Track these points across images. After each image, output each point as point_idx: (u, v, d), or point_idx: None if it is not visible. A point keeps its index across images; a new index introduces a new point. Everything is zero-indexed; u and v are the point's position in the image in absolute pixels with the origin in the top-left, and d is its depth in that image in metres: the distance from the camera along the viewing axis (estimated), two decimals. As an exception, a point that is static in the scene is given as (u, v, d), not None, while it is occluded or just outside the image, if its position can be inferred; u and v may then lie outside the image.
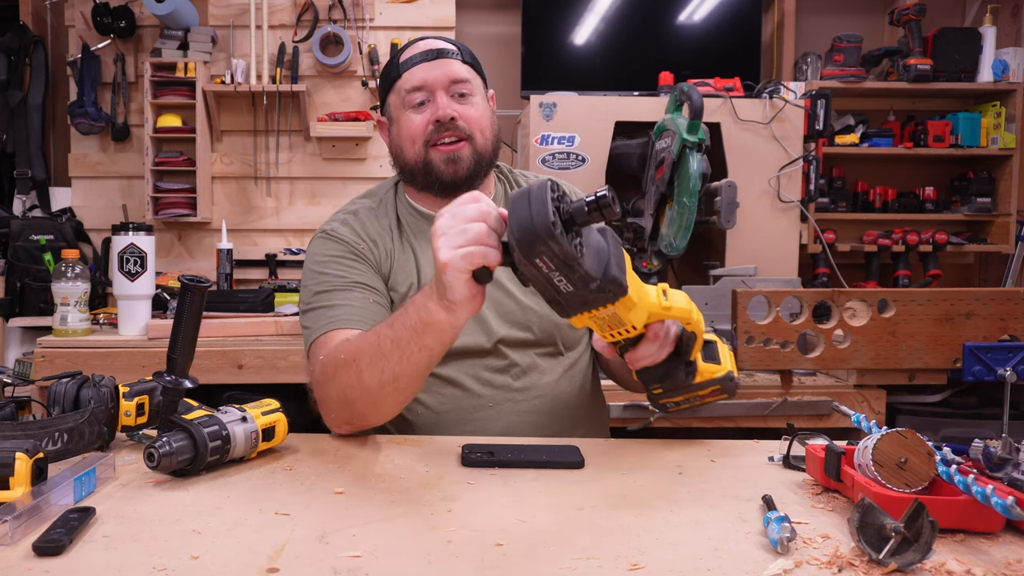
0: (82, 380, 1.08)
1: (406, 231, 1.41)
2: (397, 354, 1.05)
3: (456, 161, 1.34)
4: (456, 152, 1.34)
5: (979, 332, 2.08)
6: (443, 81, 1.34)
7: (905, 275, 3.21)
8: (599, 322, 0.94)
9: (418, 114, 1.35)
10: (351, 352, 1.12)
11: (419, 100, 1.35)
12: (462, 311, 0.96)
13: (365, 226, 1.39)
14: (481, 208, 0.91)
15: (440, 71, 1.34)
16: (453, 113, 1.32)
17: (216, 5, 3.12)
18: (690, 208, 2.32)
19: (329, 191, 3.18)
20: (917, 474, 0.84)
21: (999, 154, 3.16)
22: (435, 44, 1.37)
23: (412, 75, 1.35)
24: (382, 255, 1.37)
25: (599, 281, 0.86)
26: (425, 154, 1.35)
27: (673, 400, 1.14)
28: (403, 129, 1.37)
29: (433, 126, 1.33)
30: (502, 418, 1.33)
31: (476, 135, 1.35)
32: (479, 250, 0.89)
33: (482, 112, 1.37)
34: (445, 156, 1.34)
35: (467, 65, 1.37)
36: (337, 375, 1.14)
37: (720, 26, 3.20)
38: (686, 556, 0.75)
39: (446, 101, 1.33)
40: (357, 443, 1.16)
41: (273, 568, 0.71)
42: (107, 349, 2.35)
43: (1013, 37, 3.26)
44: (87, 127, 3.03)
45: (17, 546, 0.75)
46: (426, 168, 1.36)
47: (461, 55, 1.37)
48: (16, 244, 2.86)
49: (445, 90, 1.34)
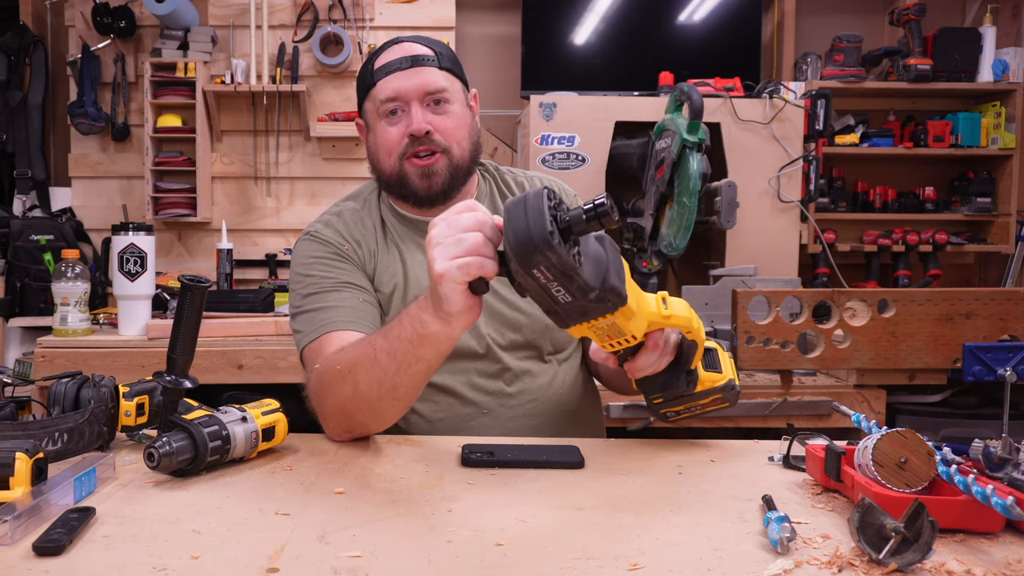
0: (82, 380, 1.08)
1: (390, 232, 1.40)
2: (394, 366, 1.04)
3: (431, 176, 1.32)
4: (430, 166, 1.31)
5: (979, 332, 2.08)
6: (418, 92, 1.30)
7: (905, 275, 3.21)
8: (598, 332, 0.93)
9: (392, 125, 1.32)
10: (347, 364, 1.11)
11: (393, 110, 1.31)
12: (458, 323, 0.95)
13: (349, 227, 1.38)
14: (477, 217, 0.89)
15: (414, 81, 1.30)
16: (427, 127, 1.29)
17: (216, 5, 3.12)
18: (690, 208, 2.32)
19: (329, 191, 3.18)
20: (917, 474, 0.84)
21: (999, 154, 3.16)
22: (411, 49, 1.33)
23: (386, 84, 1.31)
24: (366, 255, 1.36)
25: (598, 291, 0.84)
26: (400, 167, 1.32)
27: (674, 409, 1.14)
28: (379, 139, 1.35)
29: (408, 140, 1.30)
30: (498, 424, 1.32)
31: (452, 147, 1.32)
32: (476, 261, 0.87)
33: (459, 121, 1.34)
34: (420, 171, 1.31)
35: (444, 71, 1.33)
36: (333, 387, 1.13)
37: (720, 26, 3.20)
38: (686, 556, 0.75)
39: (420, 114, 1.30)
40: (357, 443, 1.16)
41: (273, 568, 0.71)
42: (107, 349, 2.35)
43: (1013, 37, 3.26)
44: (87, 127, 3.04)
45: (17, 546, 0.75)
46: (401, 181, 1.33)
47: (438, 60, 1.33)
48: (16, 244, 2.86)
49: (420, 101, 1.30)
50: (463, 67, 1.41)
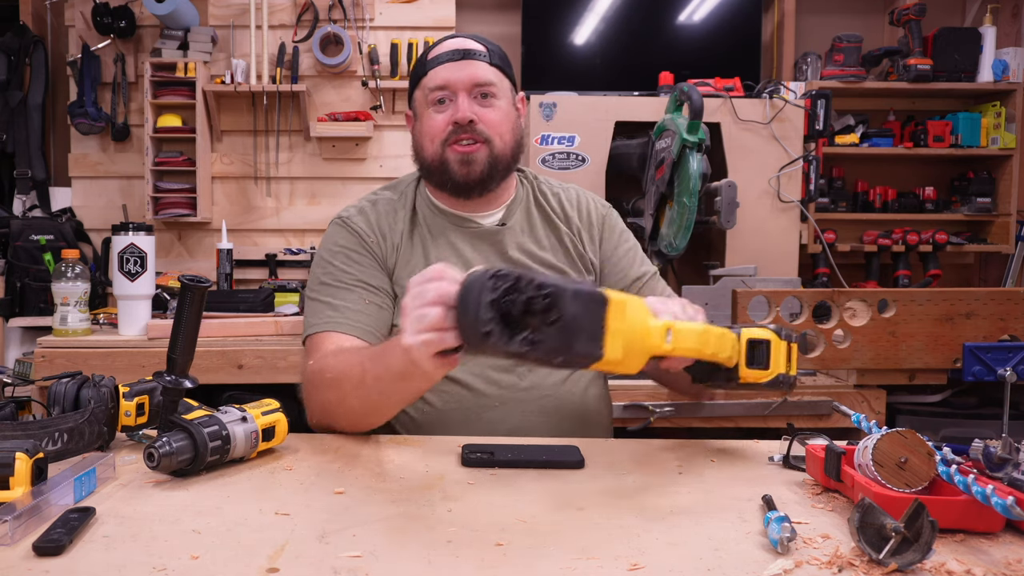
0: (82, 380, 1.08)
1: (420, 225, 1.43)
2: (378, 390, 1.09)
3: (470, 163, 1.35)
4: (471, 154, 1.35)
5: (979, 332, 2.08)
6: (466, 83, 1.35)
7: (905, 275, 3.21)
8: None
9: (439, 113, 1.36)
10: (336, 374, 1.16)
11: (441, 99, 1.36)
12: (438, 374, 1.01)
13: (380, 218, 1.41)
14: (440, 290, 0.89)
15: (464, 72, 1.35)
16: (472, 115, 1.34)
17: (216, 5, 3.12)
18: (690, 208, 2.32)
19: (329, 191, 3.18)
20: (917, 474, 0.84)
21: (999, 154, 3.16)
22: (463, 44, 1.38)
23: (436, 74, 1.36)
24: (388, 249, 1.39)
25: (563, 359, 0.83)
26: (442, 152, 1.36)
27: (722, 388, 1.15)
28: (424, 126, 1.39)
29: (452, 127, 1.35)
30: (510, 418, 1.33)
31: (495, 139, 1.36)
32: (435, 337, 0.90)
33: (504, 116, 1.38)
34: (460, 157, 1.35)
35: (494, 68, 1.38)
36: (320, 391, 1.20)
37: (720, 26, 3.20)
38: (686, 556, 0.75)
39: (467, 103, 1.34)
40: (358, 443, 1.16)
41: (273, 568, 0.71)
42: (107, 349, 2.35)
43: (1013, 37, 3.26)
44: (87, 127, 3.04)
45: (17, 546, 0.75)
46: (442, 167, 1.37)
47: (489, 56, 1.38)
48: (16, 244, 2.86)
49: (467, 92, 1.35)
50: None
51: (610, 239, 1.49)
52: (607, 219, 1.51)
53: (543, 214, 1.47)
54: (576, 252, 1.45)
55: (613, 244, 1.49)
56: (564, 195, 1.50)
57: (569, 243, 1.45)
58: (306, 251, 3.12)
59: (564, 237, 1.45)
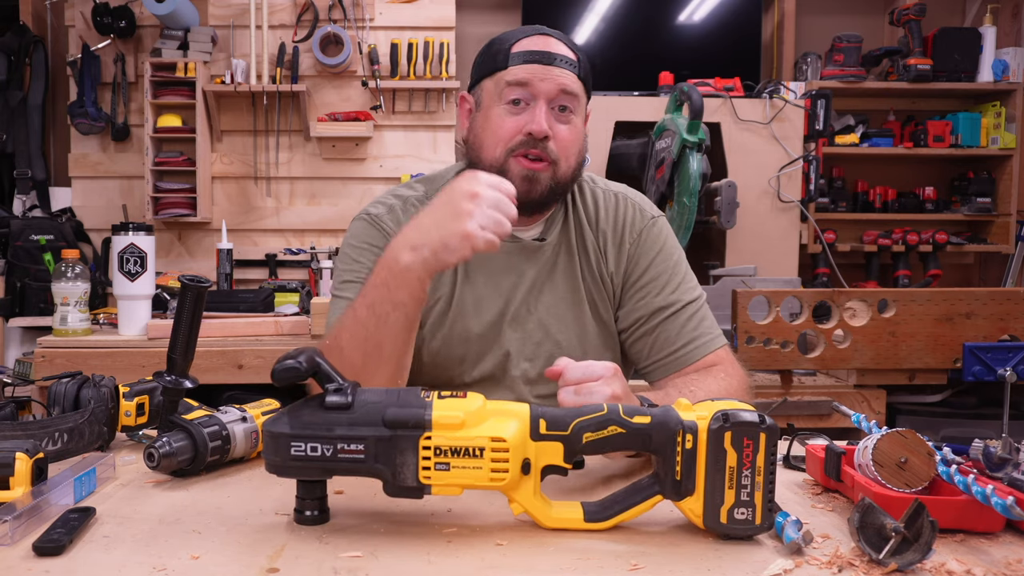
0: (82, 380, 1.08)
1: None
2: (373, 319, 1.07)
3: (533, 181, 1.22)
4: (537, 172, 1.22)
5: (979, 332, 2.08)
6: (551, 91, 1.22)
7: (905, 275, 3.21)
8: None
9: (512, 115, 1.23)
10: (333, 335, 1.14)
11: (517, 99, 1.22)
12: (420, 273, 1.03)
13: (408, 217, 1.30)
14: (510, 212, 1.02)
15: (551, 79, 1.21)
16: (548, 132, 1.20)
17: (216, 5, 3.12)
18: (690, 208, 2.32)
19: (329, 191, 3.18)
20: (917, 474, 0.84)
21: (999, 154, 3.16)
22: (556, 46, 1.24)
23: (521, 71, 1.22)
24: None
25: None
26: (505, 160, 1.23)
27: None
28: (491, 124, 1.25)
29: (523, 137, 1.21)
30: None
31: (561, 161, 1.24)
32: (495, 238, 1.00)
33: (576, 136, 1.25)
34: (525, 172, 1.22)
35: (580, 80, 1.25)
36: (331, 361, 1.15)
37: (720, 26, 3.20)
38: (686, 556, 0.75)
39: (545, 114, 1.21)
40: (357, 443, 1.16)
41: (273, 568, 0.71)
42: (107, 349, 2.35)
43: (1013, 37, 3.26)
44: (87, 127, 3.04)
45: (17, 546, 0.75)
46: (500, 175, 1.19)
47: (578, 68, 1.24)
48: (16, 244, 2.86)
49: (549, 101, 1.22)
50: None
51: (642, 260, 1.33)
52: (645, 236, 1.34)
53: (578, 227, 1.35)
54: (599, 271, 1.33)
55: (643, 267, 1.32)
56: (604, 202, 1.36)
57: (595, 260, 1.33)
58: (306, 251, 3.11)
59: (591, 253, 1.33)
